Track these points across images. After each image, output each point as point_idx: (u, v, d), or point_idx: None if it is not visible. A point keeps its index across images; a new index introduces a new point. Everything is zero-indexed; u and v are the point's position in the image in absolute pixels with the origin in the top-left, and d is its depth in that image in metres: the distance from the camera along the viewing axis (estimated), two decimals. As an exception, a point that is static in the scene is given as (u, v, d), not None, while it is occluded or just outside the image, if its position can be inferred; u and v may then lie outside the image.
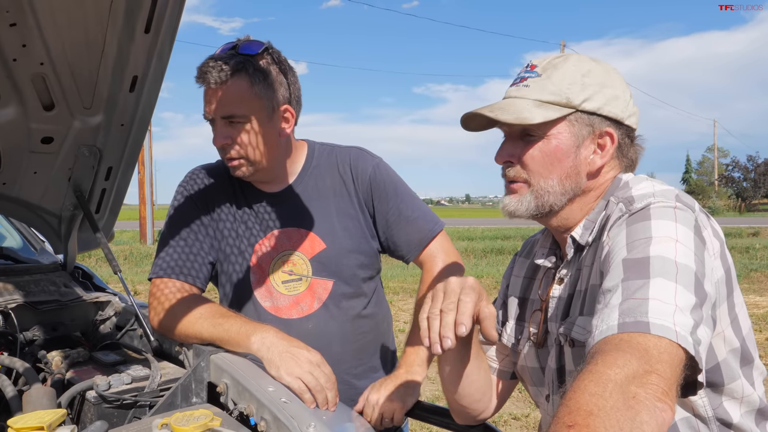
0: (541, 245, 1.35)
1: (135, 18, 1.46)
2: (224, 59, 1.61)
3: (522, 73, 1.23)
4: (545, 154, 1.18)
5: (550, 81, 1.18)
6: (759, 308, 8.15)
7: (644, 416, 0.76)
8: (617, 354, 0.84)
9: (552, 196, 1.19)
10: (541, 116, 1.15)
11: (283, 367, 1.39)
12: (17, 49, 1.46)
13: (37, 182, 1.94)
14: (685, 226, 1.02)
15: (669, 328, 0.87)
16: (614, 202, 1.15)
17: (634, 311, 0.90)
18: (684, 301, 0.91)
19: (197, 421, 1.20)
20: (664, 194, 1.09)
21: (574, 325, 1.16)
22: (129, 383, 1.49)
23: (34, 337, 1.91)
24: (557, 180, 1.19)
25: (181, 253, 1.72)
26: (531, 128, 1.18)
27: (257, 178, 1.76)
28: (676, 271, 0.95)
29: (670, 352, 0.85)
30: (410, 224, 1.82)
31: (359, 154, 1.86)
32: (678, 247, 0.98)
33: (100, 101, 1.70)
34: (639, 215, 1.06)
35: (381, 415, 1.60)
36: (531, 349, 1.33)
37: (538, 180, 1.19)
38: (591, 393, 0.78)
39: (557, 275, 1.27)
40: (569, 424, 0.75)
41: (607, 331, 0.90)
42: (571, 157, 1.19)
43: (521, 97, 1.19)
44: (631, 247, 1.01)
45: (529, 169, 1.20)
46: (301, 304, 1.77)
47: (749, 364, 1.15)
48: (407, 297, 9.34)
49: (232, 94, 1.61)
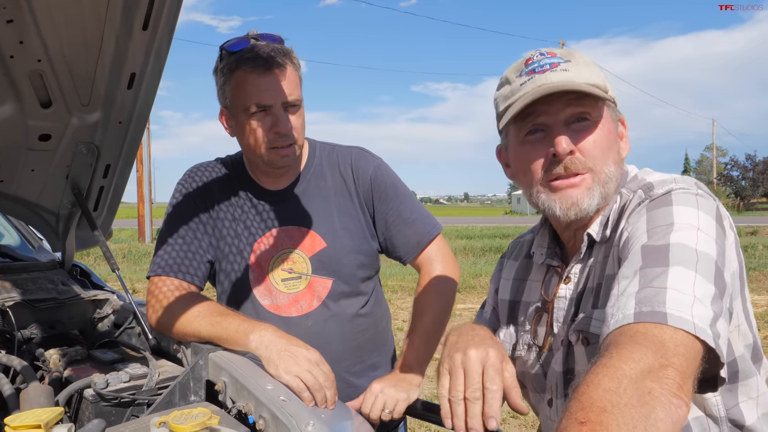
0: (539, 245, 1.31)
1: (133, 15, 1.46)
2: (275, 46, 1.64)
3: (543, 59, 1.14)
4: (602, 138, 1.13)
5: (584, 66, 1.13)
6: (758, 307, 8.17)
7: (659, 413, 0.74)
8: (633, 347, 0.82)
9: (613, 183, 1.14)
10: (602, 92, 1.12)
11: (282, 366, 1.38)
12: (14, 45, 1.45)
13: (34, 180, 1.93)
14: (707, 213, 1.00)
15: (687, 319, 0.85)
16: (628, 193, 1.13)
17: (651, 300, 0.88)
18: (703, 292, 0.89)
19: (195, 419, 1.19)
20: (684, 181, 1.07)
21: (592, 319, 1.12)
22: (127, 381, 1.48)
23: (32, 335, 1.91)
24: (613, 165, 1.14)
25: (180, 251, 1.71)
26: (585, 113, 1.12)
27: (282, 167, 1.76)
28: (696, 259, 0.92)
29: (686, 345, 0.83)
30: (409, 226, 1.82)
31: (360, 155, 1.86)
32: (699, 234, 0.96)
33: (98, 98, 1.70)
34: (660, 200, 1.04)
35: (383, 404, 1.58)
36: (532, 354, 1.30)
37: (601, 167, 1.13)
38: (605, 389, 0.76)
39: (564, 274, 1.23)
40: (581, 420, 0.74)
41: (622, 320, 0.88)
42: (615, 142, 1.16)
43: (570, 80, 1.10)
44: (652, 233, 0.98)
45: (592, 156, 1.12)
46: (300, 302, 1.76)
47: (759, 361, 1.13)
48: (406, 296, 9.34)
49: (291, 80, 1.65)
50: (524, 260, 1.38)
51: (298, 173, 1.82)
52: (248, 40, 1.64)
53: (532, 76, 1.13)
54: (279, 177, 1.80)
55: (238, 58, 1.62)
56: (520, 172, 1.20)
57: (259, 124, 1.65)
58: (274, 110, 1.64)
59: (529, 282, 1.34)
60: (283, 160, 1.71)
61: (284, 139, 1.67)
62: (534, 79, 1.12)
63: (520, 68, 1.17)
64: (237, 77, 1.63)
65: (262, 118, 1.65)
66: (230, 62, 1.64)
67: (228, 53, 1.65)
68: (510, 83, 1.18)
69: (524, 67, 1.16)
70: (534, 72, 1.13)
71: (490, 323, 1.42)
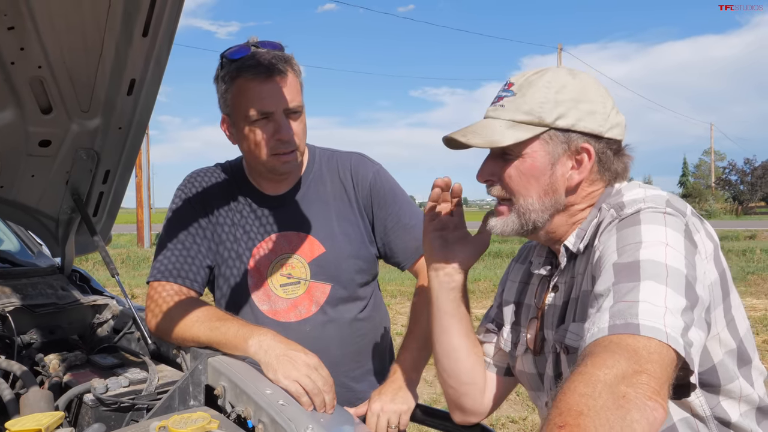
0: (538, 253, 1.36)
1: (133, 21, 1.47)
2: (275, 53, 1.64)
3: (500, 92, 1.23)
4: (521, 172, 1.19)
5: (523, 100, 1.18)
6: (756, 311, 8.16)
7: (635, 415, 0.77)
8: (606, 355, 0.85)
9: (534, 213, 1.20)
10: (513, 137, 1.16)
11: (281, 370, 1.39)
12: (15, 52, 1.46)
13: (34, 185, 1.94)
14: (675, 230, 1.03)
15: (659, 329, 0.87)
16: (606, 209, 1.15)
17: (624, 313, 0.91)
18: (674, 304, 0.92)
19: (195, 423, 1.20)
20: (654, 199, 1.10)
21: (567, 331, 1.17)
22: (126, 386, 1.49)
23: (32, 340, 1.91)
24: (536, 197, 1.19)
25: (179, 256, 1.72)
26: (507, 148, 1.19)
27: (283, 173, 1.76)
28: (666, 274, 0.95)
29: (660, 353, 0.85)
30: (408, 232, 1.83)
31: (360, 160, 1.87)
32: (668, 250, 0.99)
33: (98, 104, 1.71)
34: (629, 220, 1.07)
35: (387, 421, 1.60)
36: (528, 356, 1.33)
37: (518, 199, 1.20)
38: (581, 393, 0.79)
39: (551, 283, 1.27)
40: (560, 424, 0.76)
41: (597, 333, 0.91)
42: (547, 174, 1.19)
43: (496, 117, 1.20)
44: (622, 251, 1.01)
45: (508, 188, 1.21)
46: (299, 307, 1.77)
47: (747, 364, 1.15)
48: (405, 300, 9.33)
49: (292, 87, 1.65)
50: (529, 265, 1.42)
51: (298, 179, 1.83)
52: (249, 48, 1.65)
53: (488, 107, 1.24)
54: (279, 182, 1.80)
55: (239, 65, 1.63)
56: None
57: (261, 131, 1.65)
58: (275, 117, 1.64)
59: (531, 286, 1.38)
60: (285, 167, 1.71)
61: (286, 145, 1.67)
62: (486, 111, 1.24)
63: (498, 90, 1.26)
64: (238, 85, 1.64)
65: (264, 125, 1.65)
66: (231, 70, 1.64)
67: (229, 61, 1.65)
68: None
69: None
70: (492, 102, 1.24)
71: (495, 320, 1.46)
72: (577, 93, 1.18)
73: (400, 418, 1.61)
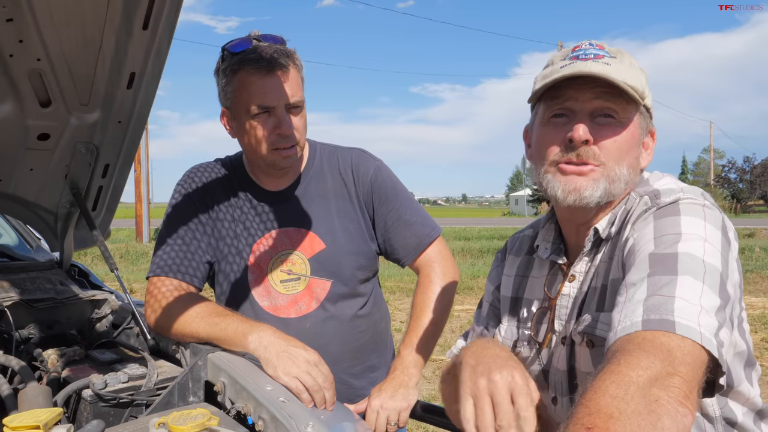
0: (544, 239, 1.30)
1: (133, 14, 1.46)
2: (277, 48, 1.63)
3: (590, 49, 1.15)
4: (624, 139, 1.13)
5: (627, 66, 1.13)
6: (754, 309, 8.18)
7: (666, 421, 0.75)
8: (640, 355, 0.82)
9: (621, 184, 1.14)
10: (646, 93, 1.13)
11: (281, 367, 1.38)
12: (14, 44, 1.45)
13: (33, 179, 1.93)
14: (714, 225, 1.01)
15: (694, 329, 0.85)
16: (635, 197, 1.13)
17: (659, 308, 0.88)
18: (709, 302, 0.90)
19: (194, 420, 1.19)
20: (692, 191, 1.08)
21: (598, 322, 1.12)
22: (125, 382, 1.48)
23: (30, 335, 1.90)
24: (627, 168, 1.14)
25: (179, 251, 1.71)
26: (614, 110, 1.12)
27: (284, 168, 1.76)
28: (704, 270, 0.93)
29: (693, 354, 0.84)
30: (408, 228, 1.82)
31: (361, 156, 1.86)
32: (706, 246, 0.97)
33: (98, 98, 1.69)
34: (667, 209, 1.04)
35: (386, 418, 1.59)
36: (532, 351, 1.30)
37: (613, 165, 1.13)
38: (612, 395, 0.77)
39: (569, 272, 1.23)
40: (588, 426, 0.74)
41: (630, 327, 0.89)
42: (637, 148, 1.16)
43: (606, 73, 1.08)
44: (659, 241, 0.99)
45: (607, 152, 1.12)
46: (299, 303, 1.76)
47: (752, 366, 1.15)
48: (404, 297, 9.33)
49: (294, 81, 1.65)
50: (526, 257, 1.38)
51: (299, 174, 1.82)
52: (250, 41, 1.63)
53: (574, 62, 1.13)
54: (279, 178, 1.79)
55: (241, 59, 1.61)
56: (536, 151, 1.21)
57: (262, 125, 1.64)
58: (276, 112, 1.63)
59: (531, 279, 1.34)
60: (285, 161, 1.70)
61: (286, 140, 1.66)
62: (574, 64, 1.12)
63: (566, 53, 1.18)
64: (239, 78, 1.62)
65: (265, 119, 1.64)
66: (233, 63, 1.63)
67: (230, 54, 1.64)
68: (552, 65, 1.18)
69: (570, 52, 1.17)
70: (577, 58, 1.14)
71: (488, 321, 1.43)
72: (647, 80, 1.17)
73: (399, 414, 1.60)
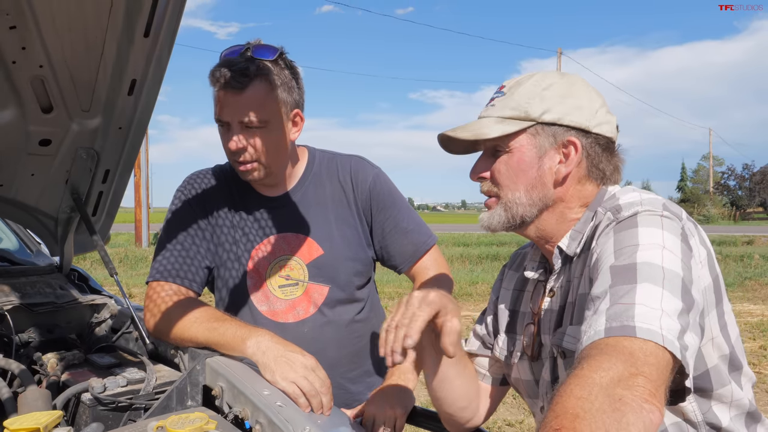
0: (531, 258, 1.36)
1: (134, 22, 1.47)
2: (242, 64, 1.59)
3: (493, 94, 1.27)
4: (510, 166, 1.21)
5: (511, 98, 1.21)
6: (753, 316, 8.17)
7: (630, 417, 0.77)
8: (602, 358, 0.85)
9: (521, 207, 1.22)
10: (499, 131, 1.19)
11: (278, 372, 1.39)
12: (17, 51, 1.46)
13: (34, 184, 1.94)
14: (672, 233, 1.03)
15: (655, 331, 0.87)
16: (602, 212, 1.16)
17: (620, 316, 0.91)
18: (670, 306, 0.92)
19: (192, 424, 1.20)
20: (651, 203, 1.10)
21: (565, 335, 1.17)
22: (124, 386, 1.49)
23: (30, 338, 1.91)
24: (524, 191, 1.21)
25: (178, 257, 1.72)
26: (496, 144, 1.21)
27: (264, 182, 1.76)
28: (662, 276, 0.95)
29: (656, 355, 0.85)
30: (405, 236, 1.84)
31: (360, 164, 1.87)
32: (665, 253, 0.99)
33: (99, 104, 1.71)
34: (626, 223, 1.07)
35: (384, 423, 1.60)
36: (525, 362, 1.33)
37: (506, 193, 1.22)
38: (577, 396, 0.79)
39: (547, 288, 1.27)
40: (556, 427, 0.76)
41: (594, 336, 0.91)
42: (535, 167, 1.20)
43: (486, 116, 1.23)
44: (619, 254, 1.02)
45: (497, 183, 1.23)
46: (297, 308, 1.77)
47: (738, 370, 1.16)
48: (402, 302, 9.31)
49: (251, 100, 1.60)
50: (522, 272, 1.41)
51: (297, 180, 1.83)
52: (239, 51, 1.63)
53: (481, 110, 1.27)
54: (272, 186, 1.80)
55: (213, 69, 1.62)
56: None
57: (222, 138, 1.67)
58: (231, 127, 1.63)
59: (525, 293, 1.38)
60: (245, 176, 1.71)
61: (237, 155, 1.66)
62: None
63: None
64: (214, 89, 1.64)
65: (224, 133, 1.66)
66: (212, 70, 1.64)
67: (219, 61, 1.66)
68: None
69: None
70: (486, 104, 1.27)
71: (488, 330, 1.45)
72: (564, 90, 1.20)
73: (396, 420, 1.61)
